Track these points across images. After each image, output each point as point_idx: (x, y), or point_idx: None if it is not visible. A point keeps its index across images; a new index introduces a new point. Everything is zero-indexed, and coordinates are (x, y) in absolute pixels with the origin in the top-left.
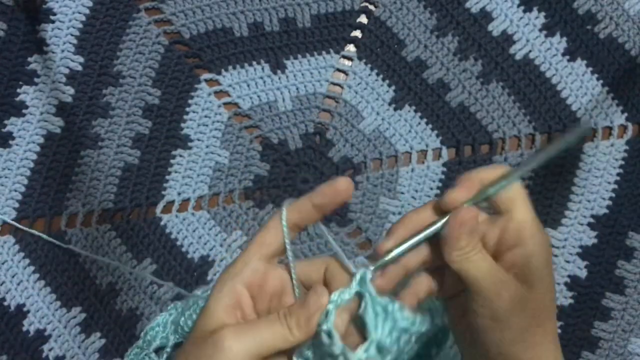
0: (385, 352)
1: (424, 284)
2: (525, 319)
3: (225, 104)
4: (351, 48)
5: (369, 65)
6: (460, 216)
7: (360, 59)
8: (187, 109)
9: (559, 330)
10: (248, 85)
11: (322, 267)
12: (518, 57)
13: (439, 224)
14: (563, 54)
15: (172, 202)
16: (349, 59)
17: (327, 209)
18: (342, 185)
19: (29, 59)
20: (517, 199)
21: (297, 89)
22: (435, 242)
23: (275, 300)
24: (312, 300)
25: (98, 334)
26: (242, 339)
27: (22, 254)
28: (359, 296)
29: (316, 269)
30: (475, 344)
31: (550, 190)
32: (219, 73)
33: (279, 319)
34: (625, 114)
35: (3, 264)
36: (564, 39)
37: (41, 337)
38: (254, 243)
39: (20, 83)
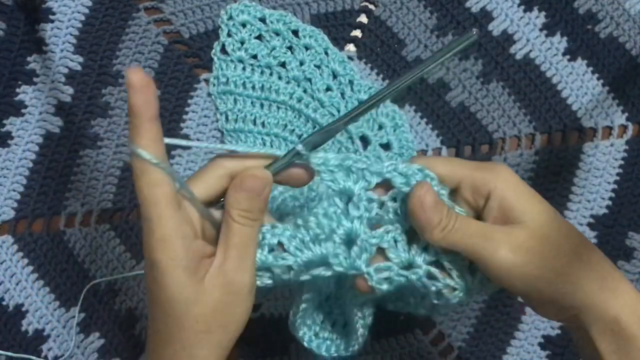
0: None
1: None
2: (549, 259)
3: None
4: (351, 48)
5: (369, 65)
6: (417, 197)
7: (360, 58)
8: (187, 109)
9: (559, 332)
10: None
11: (219, 176)
12: (518, 56)
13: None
14: (563, 54)
15: None
16: (349, 58)
17: (155, 107)
18: (136, 77)
19: (28, 59)
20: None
21: None
22: None
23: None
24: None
25: (97, 334)
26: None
27: (20, 254)
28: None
29: (211, 180)
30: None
31: (549, 190)
32: None
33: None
34: (626, 114)
35: (1, 263)
36: (565, 38)
37: (40, 337)
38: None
39: (19, 83)
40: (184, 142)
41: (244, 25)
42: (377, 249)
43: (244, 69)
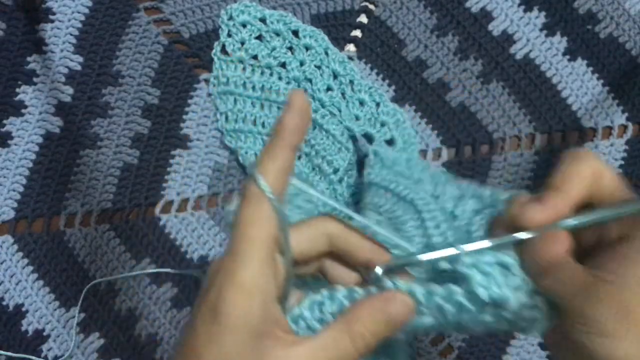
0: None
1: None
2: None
3: None
4: (351, 48)
5: (369, 65)
6: (550, 255)
7: (360, 58)
8: (187, 109)
9: None
10: None
11: (320, 236)
12: (518, 56)
13: (512, 238)
14: (563, 54)
15: (171, 202)
16: (349, 58)
17: (300, 140)
18: (298, 99)
19: (28, 59)
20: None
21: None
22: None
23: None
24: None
25: (97, 334)
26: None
27: (20, 254)
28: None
29: (311, 238)
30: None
31: None
32: None
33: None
34: (626, 114)
35: (1, 263)
36: (565, 38)
37: (40, 337)
38: (242, 241)
39: (19, 83)
40: (314, 192)
41: (244, 25)
42: None
43: (244, 69)
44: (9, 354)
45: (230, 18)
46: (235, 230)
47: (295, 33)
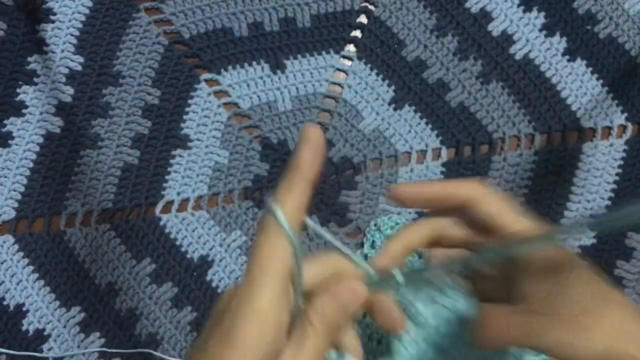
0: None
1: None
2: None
3: (225, 104)
4: (351, 48)
5: (369, 65)
6: (489, 330)
7: (360, 59)
8: (187, 109)
9: None
10: (248, 85)
11: (327, 272)
12: (518, 57)
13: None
14: (563, 54)
15: (172, 202)
16: (349, 59)
17: (316, 175)
18: (314, 135)
19: (29, 59)
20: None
21: (297, 89)
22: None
23: None
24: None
25: (97, 334)
26: None
27: (21, 254)
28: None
29: (319, 273)
30: None
31: (549, 190)
32: (219, 73)
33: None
34: (625, 114)
35: (2, 263)
36: (564, 39)
37: (40, 336)
38: (258, 272)
39: (20, 83)
40: (325, 233)
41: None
42: None
43: None
44: (11, 352)
45: (379, 230)
46: (252, 260)
47: None
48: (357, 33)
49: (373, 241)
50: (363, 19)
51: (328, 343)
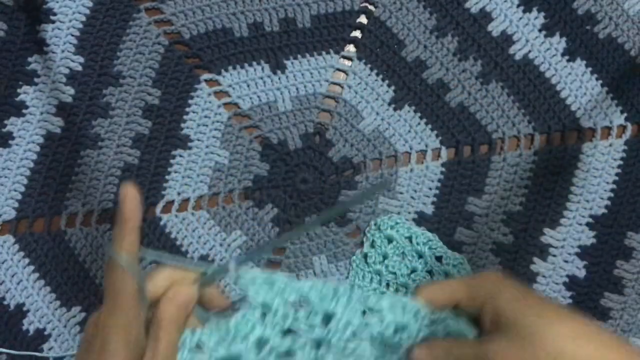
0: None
1: None
2: None
3: (225, 104)
4: (351, 48)
5: (369, 65)
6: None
7: (360, 59)
8: (187, 109)
9: None
10: (248, 86)
11: (165, 283)
12: (517, 57)
13: None
14: (562, 54)
15: (172, 202)
16: (349, 59)
17: (138, 220)
18: (130, 192)
19: (29, 59)
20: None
21: (296, 89)
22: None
23: None
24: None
25: None
26: None
27: (21, 254)
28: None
29: (160, 286)
30: None
31: (548, 190)
32: (219, 73)
33: None
34: (625, 114)
35: (3, 263)
36: (564, 39)
37: (41, 336)
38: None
39: (20, 83)
40: (161, 256)
41: (390, 240)
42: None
43: (379, 282)
44: (12, 351)
45: (379, 229)
46: (107, 293)
47: (439, 259)
48: (357, 33)
49: (373, 241)
50: (363, 19)
51: (177, 334)
